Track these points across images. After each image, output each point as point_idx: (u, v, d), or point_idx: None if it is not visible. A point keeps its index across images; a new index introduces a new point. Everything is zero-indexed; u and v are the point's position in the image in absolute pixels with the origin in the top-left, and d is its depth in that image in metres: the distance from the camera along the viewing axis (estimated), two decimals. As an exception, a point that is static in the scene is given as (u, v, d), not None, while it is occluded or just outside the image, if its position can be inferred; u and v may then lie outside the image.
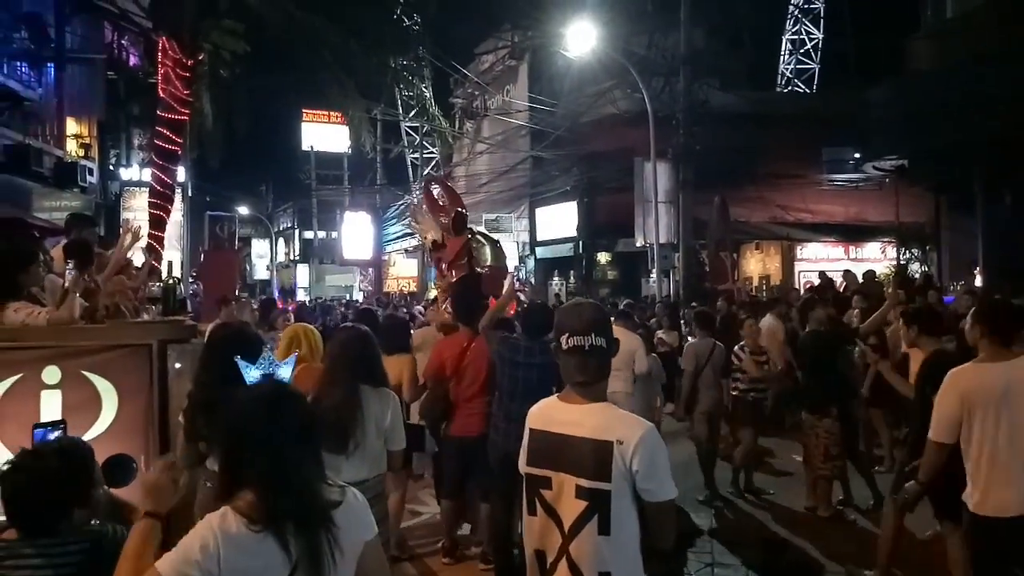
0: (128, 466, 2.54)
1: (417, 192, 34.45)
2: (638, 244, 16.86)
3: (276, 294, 34.99)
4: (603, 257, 22.07)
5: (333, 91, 17.27)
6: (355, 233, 33.40)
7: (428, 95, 27.06)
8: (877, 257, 20.34)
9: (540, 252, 24.03)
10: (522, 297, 5.99)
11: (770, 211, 19.76)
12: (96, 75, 17.39)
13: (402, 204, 35.04)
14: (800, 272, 20.20)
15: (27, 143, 14.24)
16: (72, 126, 17.19)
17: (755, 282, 20.80)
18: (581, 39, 16.03)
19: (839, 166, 20.91)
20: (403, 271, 34.93)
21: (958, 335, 5.12)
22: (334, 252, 35.97)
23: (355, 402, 3.20)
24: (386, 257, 34.79)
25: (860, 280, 13.19)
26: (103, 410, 3.21)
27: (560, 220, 22.43)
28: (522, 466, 2.25)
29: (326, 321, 12.90)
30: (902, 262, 19.37)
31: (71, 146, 16.77)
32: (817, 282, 15.45)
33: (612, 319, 6.73)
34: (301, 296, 35.04)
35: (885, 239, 20.50)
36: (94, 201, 16.67)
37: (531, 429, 2.26)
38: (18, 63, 14.73)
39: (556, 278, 22.76)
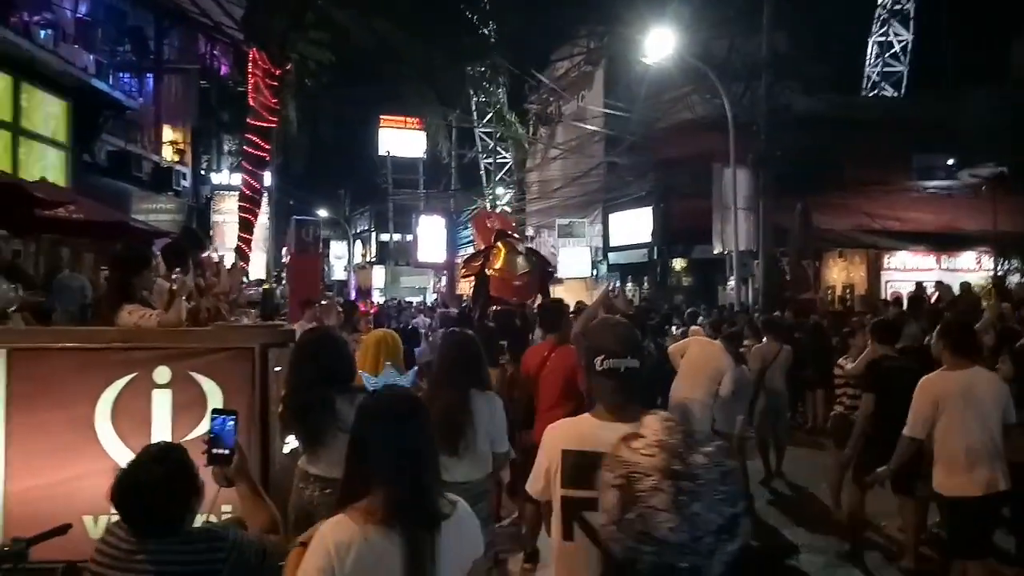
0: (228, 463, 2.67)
1: (489, 197, 34.86)
2: (716, 251, 16.53)
3: (353, 295, 35.97)
4: (678, 263, 21.72)
5: (413, 99, 17.66)
6: (429, 236, 33.95)
7: (503, 101, 27.25)
8: (972, 267, 19.28)
9: (613, 257, 23.84)
10: (618, 305, 6.03)
11: (855, 218, 19.02)
12: (190, 84, 18.28)
13: (475, 208, 35.48)
14: (887, 282, 19.35)
15: (128, 149, 15.09)
16: (168, 133, 18.13)
17: (838, 291, 20.05)
18: (659, 45, 15.86)
19: (930, 172, 19.99)
20: (476, 274, 35.18)
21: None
22: (409, 254, 36.64)
23: (466, 405, 3.29)
24: (459, 260, 35.20)
25: (956, 291, 12.60)
26: (208, 410, 3.36)
27: (634, 225, 22.20)
28: (555, 490, 2.17)
29: (400, 321, 13.17)
30: (999, 273, 18.33)
31: (167, 152, 17.68)
32: (905, 292, 14.86)
33: (717, 340, 6.79)
34: (376, 297, 35.90)
35: (981, 248, 19.43)
36: (187, 204, 17.52)
37: (564, 451, 2.17)
38: (122, 74, 15.63)
39: (629, 284, 22.54)
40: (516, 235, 7.59)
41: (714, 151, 16.85)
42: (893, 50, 30.27)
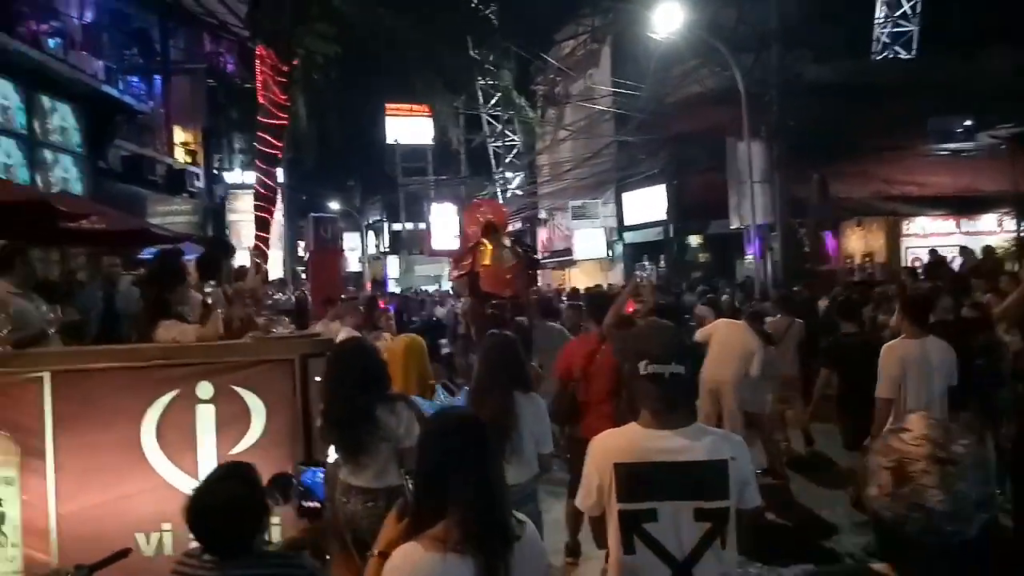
0: (289, 483, 2.68)
1: (499, 182, 34.73)
2: (733, 226, 16.39)
3: (368, 286, 36.06)
4: (694, 240, 21.58)
5: (419, 87, 17.55)
6: (442, 224, 33.95)
7: (510, 84, 27.05)
8: (993, 229, 19.02)
9: (628, 237, 23.72)
10: (646, 296, 6.09)
11: (873, 186, 18.77)
12: (198, 84, 18.28)
13: (486, 194, 35.36)
14: (907, 248, 19.12)
15: (141, 153, 15.14)
16: (179, 134, 18.16)
17: (858, 260, 19.87)
18: (666, 19, 15.63)
19: (947, 135, 19.65)
20: (489, 259, 35.19)
21: None
22: (422, 243, 36.66)
23: (511, 408, 3.28)
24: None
25: (979, 256, 12.44)
26: (252, 423, 3.38)
27: (648, 204, 22.05)
28: (611, 505, 2.15)
29: (423, 314, 13.16)
30: (1022, 234, 18.06)
31: (179, 153, 17.72)
32: (926, 259, 14.68)
33: (742, 320, 6.76)
34: (392, 286, 35.98)
35: (1002, 210, 19.14)
36: (202, 205, 17.59)
37: (616, 464, 2.14)
38: (131, 79, 15.64)
39: (646, 263, 22.44)
40: (504, 226, 7.62)
41: (726, 124, 16.64)
42: (902, 9, 29.73)
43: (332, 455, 3.40)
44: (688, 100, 19.58)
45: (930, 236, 19.03)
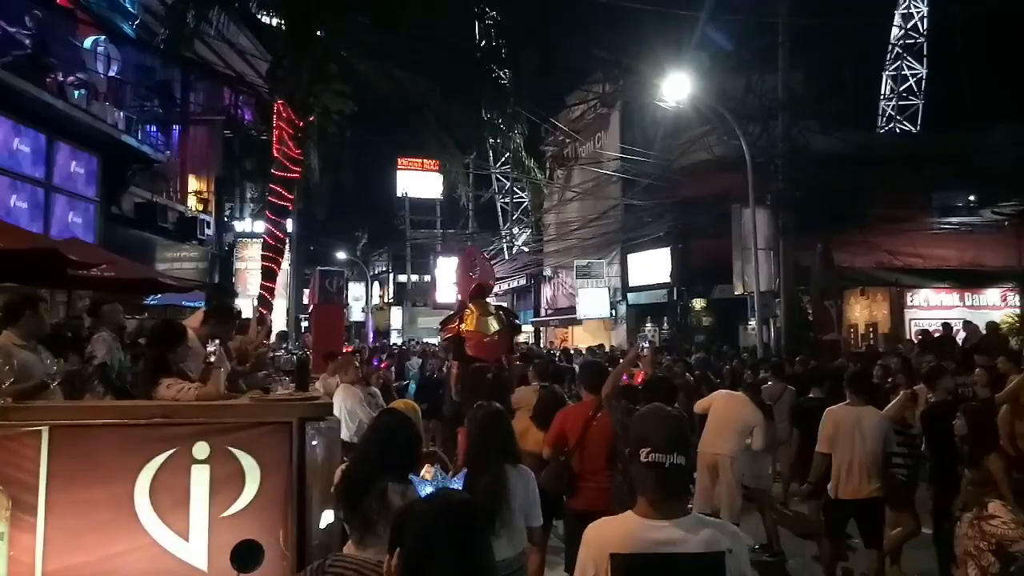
0: (258, 552, 2.66)
1: (505, 239, 35.06)
2: (736, 292, 16.46)
3: (371, 336, 36.03)
4: (698, 303, 21.63)
5: (431, 143, 17.86)
6: (447, 277, 34.15)
7: (519, 144, 27.54)
8: (997, 304, 19.05)
9: (632, 298, 23.80)
10: (646, 368, 6.15)
11: (876, 256, 18.92)
12: (215, 134, 18.70)
13: (492, 249, 35.65)
14: (911, 320, 19.13)
15: (154, 201, 15.40)
16: (193, 182, 18.50)
17: (861, 330, 19.84)
18: (675, 87, 16.03)
19: (951, 210, 19.87)
20: (493, 315, 35.32)
21: None
22: (427, 295, 36.80)
23: (502, 483, 3.26)
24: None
25: (982, 331, 12.42)
26: (246, 485, 3.37)
27: (653, 266, 22.20)
28: None
29: (425, 370, 13.11)
30: (1027, 310, 18.08)
31: (191, 201, 18.01)
32: (931, 330, 14.66)
33: (740, 390, 6.77)
34: (395, 337, 35.95)
35: (1006, 285, 19.20)
36: (210, 252, 17.78)
37: (613, 555, 2.11)
38: (150, 128, 16.04)
39: (649, 324, 22.43)
40: (491, 288, 7.93)
41: (732, 191, 16.88)
42: (908, 84, 30.41)
43: (324, 521, 3.37)
44: (695, 166, 19.92)
45: (934, 308, 19.06)
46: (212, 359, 3.74)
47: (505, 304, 16.75)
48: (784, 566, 6.39)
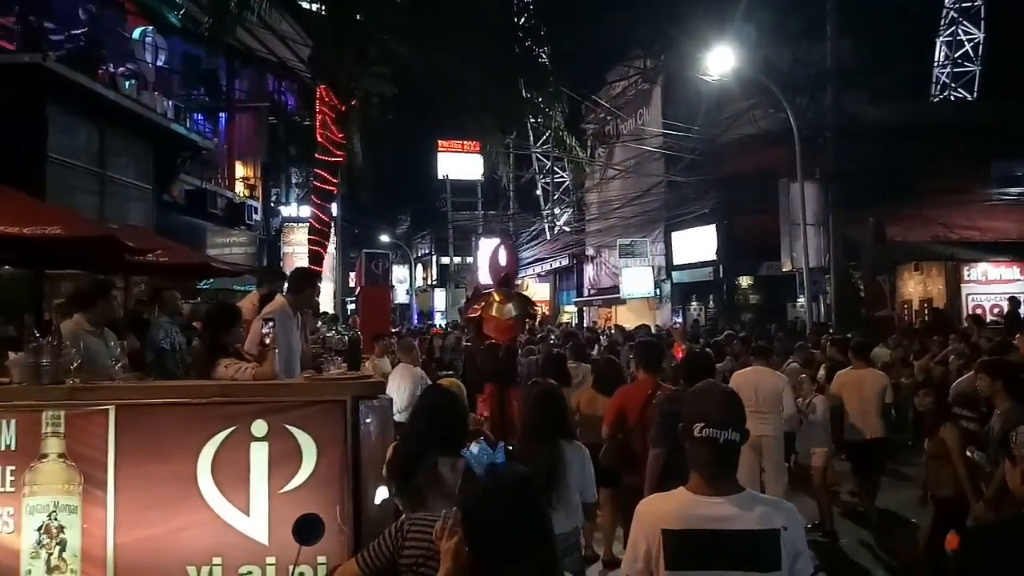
0: (318, 526, 2.72)
1: (546, 219, 34.96)
2: (785, 269, 16.15)
3: (416, 318, 36.44)
4: (745, 281, 21.28)
5: (471, 125, 17.87)
6: (488, 258, 34.23)
7: (560, 123, 27.37)
8: (1060, 277, 18.31)
9: (677, 276, 23.53)
10: (674, 337, 6.30)
11: (931, 229, 18.30)
12: (260, 121, 19.01)
13: (534, 230, 35.60)
14: (968, 295, 18.51)
15: (204, 188, 15.75)
16: (239, 169, 18.85)
17: (915, 306, 19.29)
18: (719, 60, 15.69)
19: (1010, 180, 19.10)
20: (536, 294, 35.36)
21: None
22: (469, 276, 36.97)
23: (558, 458, 3.28)
24: (519, 281, 35.38)
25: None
26: (303, 463, 3.43)
27: (698, 244, 21.89)
28: (659, 572, 2.11)
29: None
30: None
31: (239, 188, 18.37)
32: (990, 305, 14.21)
33: (751, 356, 6.69)
34: (438, 319, 36.30)
35: (1069, 257, 18.43)
36: (258, 237, 18.15)
37: (664, 531, 2.11)
38: (197, 117, 16.39)
39: (694, 303, 22.18)
40: (514, 278, 9.04)
41: (779, 166, 16.51)
42: (963, 50, 29.18)
43: (379, 497, 3.44)
44: (740, 141, 19.52)
45: (992, 283, 18.40)
46: (267, 340, 3.82)
47: (526, 293, 17.03)
48: (837, 547, 6.28)
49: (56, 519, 3.38)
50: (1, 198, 6.01)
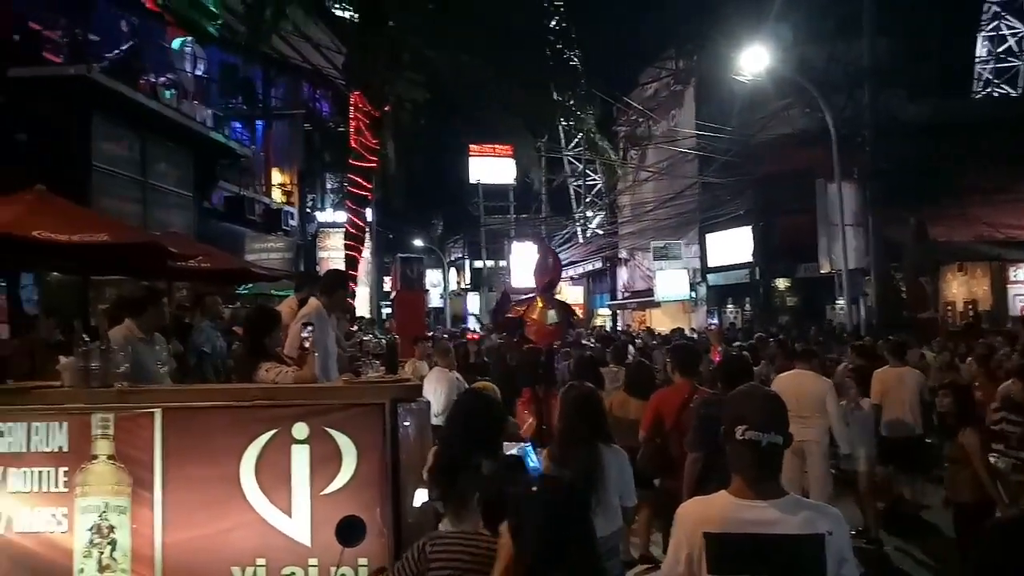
0: (360, 528, 2.75)
1: (579, 222, 34.88)
2: (823, 270, 15.90)
3: (448, 322, 36.59)
4: (782, 283, 20.99)
5: (502, 129, 17.91)
6: (522, 262, 34.23)
7: (592, 125, 27.30)
8: (1111, 277, 17.70)
9: (712, 279, 23.29)
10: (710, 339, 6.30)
11: (975, 229, 17.82)
12: (296, 128, 19.31)
13: (566, 233, 35.52)
14: (1016, 296, 17.99)
15: (242, 194, 16.04)
16: (276, 176, 19.17)
17: (959, 308, 18.82)
18: (753, 60, 15.50)
19: (1059, 177, 18.51)
20: (569, 298, 35.27)
21: None
22: (503, 280, 37.02)
23: (597, 461, 3.27)
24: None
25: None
26: (343, 465, 3.47)
27: (733, 245, 21.66)
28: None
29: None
30: None
31: (276, 194, 18.67)
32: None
33: (794, 358, 6.58)
34: (472, 323, 36.40)
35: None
36: (295, 242, 18.41)
37: (707, 534, 2.08)
38: (235, 125, 16.71)
39: (730, 305, 21.94)
40: (557, 283, 9.71)
41: (815, 166, 16.28)
42: (1006, 45, 28.43)
43: (418, 500, 3.46)
44: (775, 141, 19.28)
45: (1040, 283, 17.87)
46: (307, 344, 3.87)
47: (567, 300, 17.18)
48: (883, 553, 6.15)
49: (107, 519, 3.46)
50: (50, 206, 6.19)
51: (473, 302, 40.87)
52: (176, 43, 14.24)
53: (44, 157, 9.58)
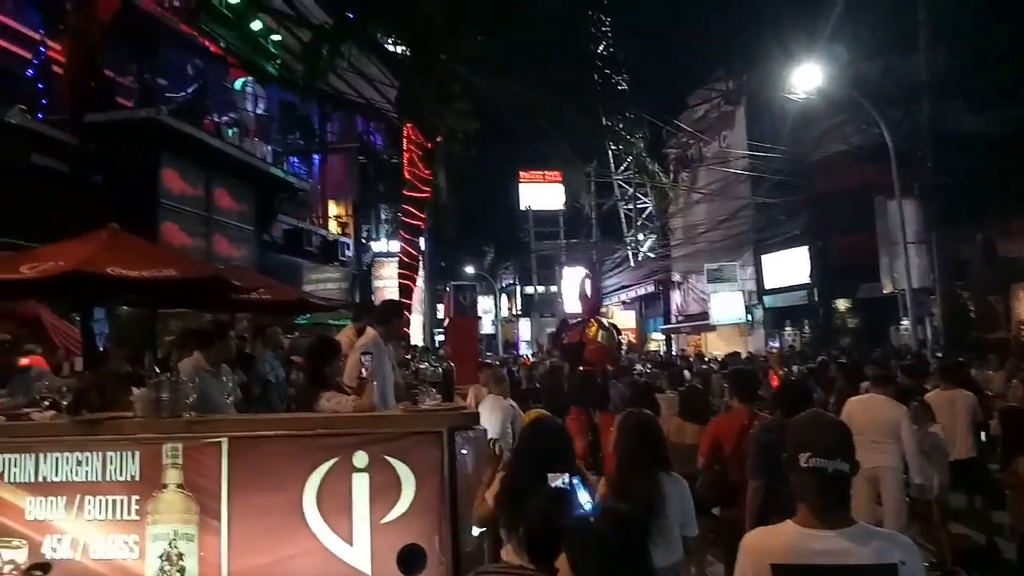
0: (421, 557, 2.77)
1: (630, 246, 34.68)
2: (885, 290, 15.41)
3: (501, 349, 36.66)
4: (842, 304, 20.40)
5: (551, 155, 18.04)
6: (573, 287, 34.15)
7: (642, 148, 27.26)
8: None
9: (769, 301, 22.80)
10: (769, 362, 6.22)
11: (1048, 244, 17.08)
12: (351, 161, 19.83)
13: (617, 256, 35.34)
14: (1094, 314, 17.08)
15: (300, 227, 16.51)
16: (332, 208, 19.67)
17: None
18: (806, 77, 15.27)
19: None
20: (621, 322, 34.98)
21: None
22: (553, 306, 36.99)
23: (657, 490, 3.23)
24: (604, 309, 35.12)
25: None
26: (403, 493, 3.51)
27: (790, 266, 21.20)
28: None
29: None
30: None
31: (332, 225, 19.16)
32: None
33: (866, 382, 6.39)
34: (524, 349, 36.39)
35: None
36: (351, 272, 18.80)
37: (774, 565, 2.03)
38: (293, 159, 17.28)
39: (788, 328, 21.42)
40: (598, 311, 10.39)
41: (873, 183, 15.87)
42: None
43: (476, 531, 3.47)
44: (830, 158, 18.90)
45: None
46: (365, 373, 3.95)
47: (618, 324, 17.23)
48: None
49: (176, 547, 3.56)
50: (122, 243, 6.48)
51: (524, 328, 40.86)
52: (238, 83, 14.87)
53: (116, 195, 10.07)
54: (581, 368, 9.48)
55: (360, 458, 3.55)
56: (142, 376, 4.22)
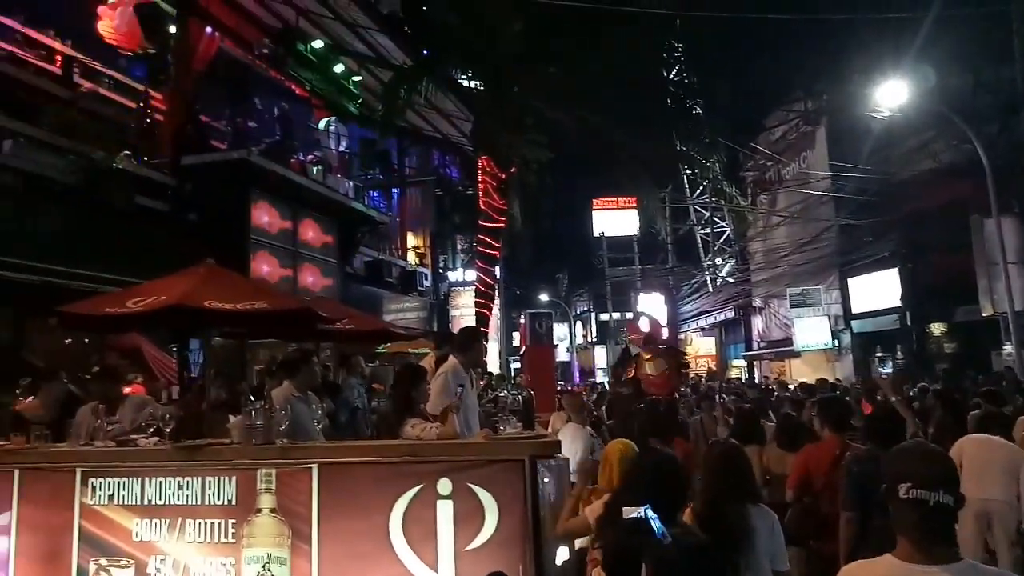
0: None
1: (708, 271, 34.05)
2: (985, 313, 14.55)
3: (577, 376, 36.44)
4: (937, 328, 19.35)
5: (625, 181, 18.01)
6: (649, 313, 33.69)
7: (717, 173, 26.87)
8: None
9: (857, 326, 21.86)
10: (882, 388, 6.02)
11: None
12: (428, 194, 20.34)
13: (695, 282, 34.72)
14: None
15: (380, 258, 17.00)
16: (411, 239, 20.18)
17: None
18: (891, 94, 14.73)
19: None
20: (701, 349, 34.25)
21: None
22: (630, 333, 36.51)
23: (744, 522, 3.16)
24: (682, 336, 34.48)
25: None
26: (486, 521, 3.53)
27: (879, 289, 20.29)
28: None
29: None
30: None
31: (410, 256, 19.64)
32: None
33: (980, 424, 6.04)
34: (600, 376, 36.03)
35: None
36: (429, 302, 19.18)
37: None
38: (373, 194, 17.88)
39: (879, 354, 20.45)
40: (658, 337, 10.47)
41: (967, 201, 15.10)
42: None
43: (560, 558, 3.45)
44: (919, 177, 18.10)
45: None
46: (456, 401, 4.03)
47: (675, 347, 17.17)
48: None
49: (269, 570, 3.68)
50: (217, 277, 6.86)
51: (600, 355, 40.49)
52: (322, 123, 15.56)
53: (211, 232, 10.67)
54: (641, 398, 9.47)
55: (444, 485, 3.60)
56: (238, 404, 4.42)
